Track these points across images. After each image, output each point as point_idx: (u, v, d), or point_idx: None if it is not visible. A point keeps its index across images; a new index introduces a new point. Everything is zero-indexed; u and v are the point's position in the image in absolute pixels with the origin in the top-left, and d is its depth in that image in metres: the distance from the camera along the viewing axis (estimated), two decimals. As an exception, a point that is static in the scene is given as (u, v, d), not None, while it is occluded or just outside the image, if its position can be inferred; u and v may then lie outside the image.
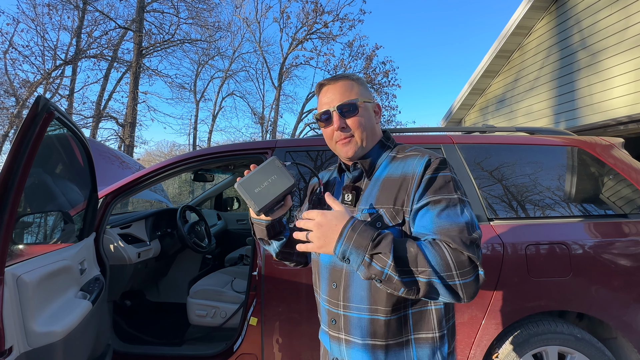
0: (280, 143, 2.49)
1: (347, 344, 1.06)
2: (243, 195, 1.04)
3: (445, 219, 0.94)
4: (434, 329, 1.03)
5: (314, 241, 0.95)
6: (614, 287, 2.03)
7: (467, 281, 0.88)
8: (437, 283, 0.87)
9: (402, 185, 1.04)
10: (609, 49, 5.63)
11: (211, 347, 2.40)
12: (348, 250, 0.91)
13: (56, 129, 1.83)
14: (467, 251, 0.88)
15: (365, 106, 1.12)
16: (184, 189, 13.37)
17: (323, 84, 1.15)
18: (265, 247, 1.29)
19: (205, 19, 16.32)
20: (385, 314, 1.01)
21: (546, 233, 2.09)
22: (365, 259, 0.89)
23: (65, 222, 2.02)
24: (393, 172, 1.08)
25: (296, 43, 18.78)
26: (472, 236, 0.91)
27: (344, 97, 1.10)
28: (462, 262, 0.88)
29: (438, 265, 0.87)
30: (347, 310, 1.06)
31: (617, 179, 2.25)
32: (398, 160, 1.11)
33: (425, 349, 1.02)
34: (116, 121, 14.88)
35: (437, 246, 0.90)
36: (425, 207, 0.98)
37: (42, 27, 12.96)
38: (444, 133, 2.59)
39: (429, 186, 0.99)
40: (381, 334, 1.02)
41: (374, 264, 0.89)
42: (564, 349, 2.06)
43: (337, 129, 1.10)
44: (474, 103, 9.27)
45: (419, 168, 1.02)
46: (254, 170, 1.06)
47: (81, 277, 1.98)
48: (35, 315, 1.50)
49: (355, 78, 1.14)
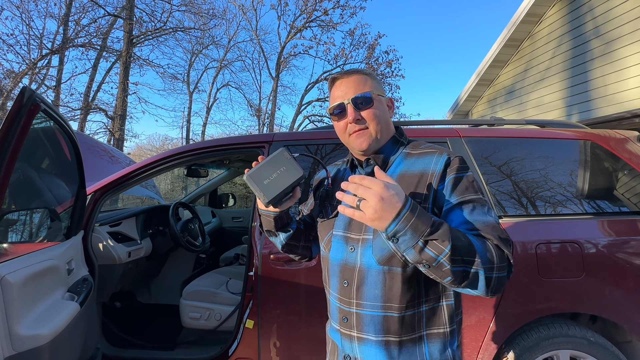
0: (278, 136, 2.48)
1: (360, 341, 1.10)
2: (252, 187, 1.09)
3: (478, 217, 0.99)
4: (445, 324, 1.07)
5: (368, 212, 0.89)
6: (628, 288, 2.03)
7: (502, 275, 0.92)
8: (482, 274, 0.90)
9: (420, 182, 1.07)
10: (624, 37, 5.61)
11: (205, 351, 2.40)
12: (403, 231, 0.89)
13: (42, 121, 1.83)
14: (505, 248, 0.94)
15: (379, 99, 1.15)
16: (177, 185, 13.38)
17: (336, 78, 1.19)
18: (272, 238, 1.35)
19: (199, 6, 16.29)
20: (399, 310, 1.04)
21: (557, 231, 2.09)
22: (419, 243, 0.89)
23: (51, 220, 2.01)
24: (409, 169, 1.12)
25: (295, 31, 18.74)
26: (505, 235, 0.97)
27: (358, 90, 1.13)
28: (501, 258, 0.93)
29: (484, 257, 0.91)
30: (360, 308, 1.09)
31: (632, 175, 2.25)
32: (413, 156, 1.14)
33: (436, 344, 1.06)
34: (105, 113, 14.85)
35: (482, 239, 0.95)
36: (456, 207, 1.01)
37: (27, 14, 12.87)
38: (450, 126, 2.58)
39: (455, 187, 1.04)
40: (395, 331, 1.05)
41: (428, 249, 0.89)
42: (576, 353, 2.06)
43: (352, 121, 1.13)
44: (481, 94, 9.25)
45: (439, 166, 1.06)
46: (263, 161, 1.11)
47: (68, 277, 1.97)
48: (20, 317, 1.50)
49: (368, 72, 1.18)
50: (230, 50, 21.51)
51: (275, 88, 19.67)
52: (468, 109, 9.73)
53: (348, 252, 1.12)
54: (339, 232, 1.17)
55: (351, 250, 1.11)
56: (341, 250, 1.14)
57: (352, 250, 1.11)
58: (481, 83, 8.92)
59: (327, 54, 18.76)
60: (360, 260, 1.09)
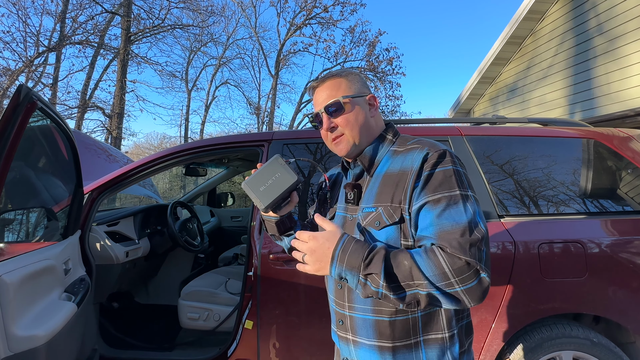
0: (277, 135, 2.48)
1: (355, 344, 1.11)
2: (249, 194, 1.14)
3: (446, 220, 0.94)
4: (444, 329, 1.05)
5: (310, 265, 1.01)
6: (632, 288, 2.03)
7: (469, 286, 0.88)
8: (437, 294, 0.89)
9: (399, 182, 1.05)
10: (627, 34, 5.60)
11: (204, 352, 2.40)
12: (343, 272, 0.96)
13: (39, 119, 1.82)
14: (465, 255, 0.88)
15: (353, 102, 1.14)
16: (175, 184, 13.38)
17: (313, 87, 1.22)
18: (278, 242, 1.38)
19: (198, 3, 16.22)
20: (389, 315, 1.04)
21: (560, 231, 2.09)
22: (360, 280, 0.94)
23: (48, 219, 2.01)
24: (393, 168, 1.10)
25: (294, 29, 18.72)
26: (473, 237, 0.91)
27: (331, 96, 1.14)
28: (460, 269, 0.88)
29: (434, 276, 0.89)
30: (352, 311, 1.11)
31: (636, 173, 2.24)
32: (399, 154, 1.12)
33: (434, 349, 1.04)
34: (103, 112, 14.81)
35: (432, 254, 0.91)
36: (424, 206, 0.98)
37: (24, 11, 12.84)
38: (451, 124, 2.58)
39: (426, 184, 1.00)
40: (387, 335, 1.04)
41: (369, 283, 0.93)
42: (579, 354, 2.05)
43: (327, 130, 1.16)
44: (483, 92, 9.24)
45: (417, 163, 1.03)
46: (259, 169, 1.16)
47: (65, 277, 1.97)
48: (16, 318, 1.50)
49: (345, 74, 1.17)
50: (229, 48, 21.48)
51: (274, 86, 19.67)
52: (470, 107, 9.72)
53: None
54: None
55: None
56: None
57: None
58: (483, 81, 8.91)
59: (327, 51, 18.72)
60: None
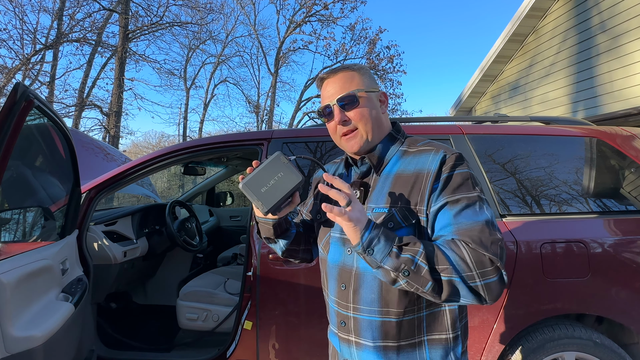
0: (276, 133, 2.48)
1: (358, 346, 1.09)
2: (249, 196, 1.04)
3: (465, 219, 0.96)
4: (448, 330, 1.05)
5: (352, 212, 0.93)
6: (636, 288, 2.03)
7: (490, 281, 0.90)
8: (459, 282, 0.90)
9: (415, 183, 1.05)
10: (630, 32, 5.60)
11: (202, 353, 2.40)
12: (377, 236, 0.93)
13: (36, 118, 1.82)
14: (487, 252, 0.90)
15: (368, 96, 1.12)
16: (174, 183, 13.39)
17: (323, 78, 1.19)
18: (271, 245, 1.32)
19: (196, 0, 16.23)
20: (397, 315, 1.03)
21: (563, 230, 2.09)
22: (393, 250, 0.92)
23: (45, 219, 2.01)
24: (405, 168, 1.09)
25: (294, 26, 18.70)
26: (493, 236, 0.93)
27: (344, 89, 1.11)
28: (482, 263, 0.90)
29: (457, 264, 0.90)
30: (357, 313, 1.08)
31: (639, 172, 2.24)
32: (410, 155, 1.11)
33: (438, 350, 1.05)
34: (100, 110, 14.82)
35: (455, 245, 0.93)
36: (443, 207, 0.99)
37: (20, 8, 12.84)
38: (453, 123, 2.58)
39: (446, 185, 1.01)
40: (393, 335, 1.04)
41: (403, 254, 0.92)
42: (582, 355, 2.05)
43: (339, 123, 1.12)
44: (485, 91, 9.24)
45: (434, 165, 1.03)
46: (258, 167, 1.06)
47: (63, 277, 1.97)
48: (13, 318, 1.49)
49: (357, 68, 1.15)
50: (228, 46, 21.47)
51: (274, 84, 19.65)
52: (471, 106, 9.72)
53: (345, 255, 1.11)
54: (337, 233, 1.16)
55: (348, 252, 1.10)
56: (339, 253, 1.13)
57: (349, 253, 1.10)
58: (485, 79, 8.90)
59: (327, 49, 18.70)
60: (357, 263, 1.07)
